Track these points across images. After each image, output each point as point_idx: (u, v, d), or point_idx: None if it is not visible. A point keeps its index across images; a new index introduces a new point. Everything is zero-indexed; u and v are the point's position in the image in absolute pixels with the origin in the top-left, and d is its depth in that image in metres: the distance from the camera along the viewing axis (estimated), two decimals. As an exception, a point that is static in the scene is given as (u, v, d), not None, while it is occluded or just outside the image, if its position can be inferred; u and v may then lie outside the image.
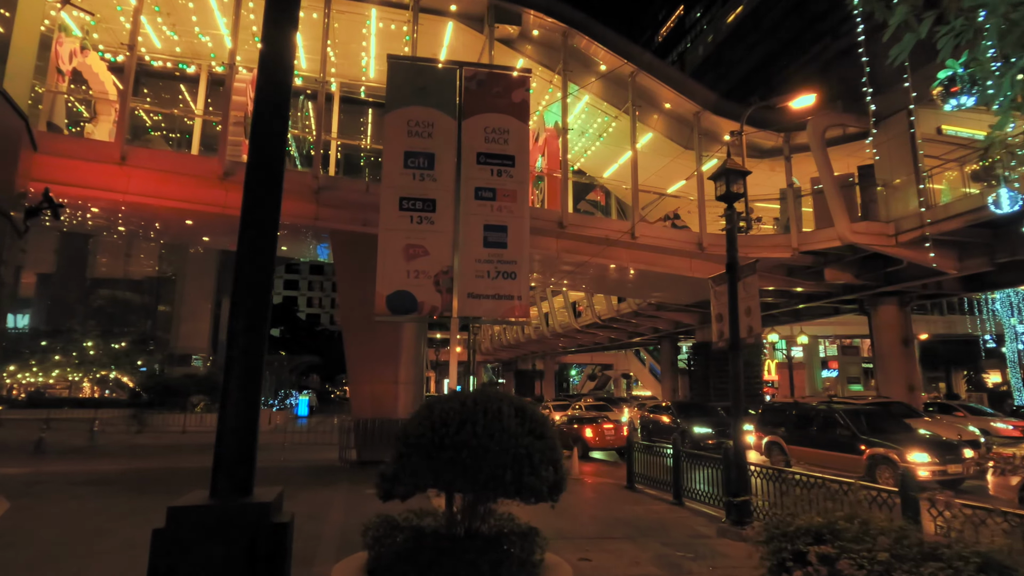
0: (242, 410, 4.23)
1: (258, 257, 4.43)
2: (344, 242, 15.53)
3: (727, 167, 9.10)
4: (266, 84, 4.14)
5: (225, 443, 4.18)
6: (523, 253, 6.39)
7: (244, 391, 4.25)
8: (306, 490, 10.65)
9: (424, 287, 6.05)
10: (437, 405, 4.60)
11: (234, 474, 4.17)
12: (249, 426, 4.24)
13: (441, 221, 6.29)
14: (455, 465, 4.21)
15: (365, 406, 14.96)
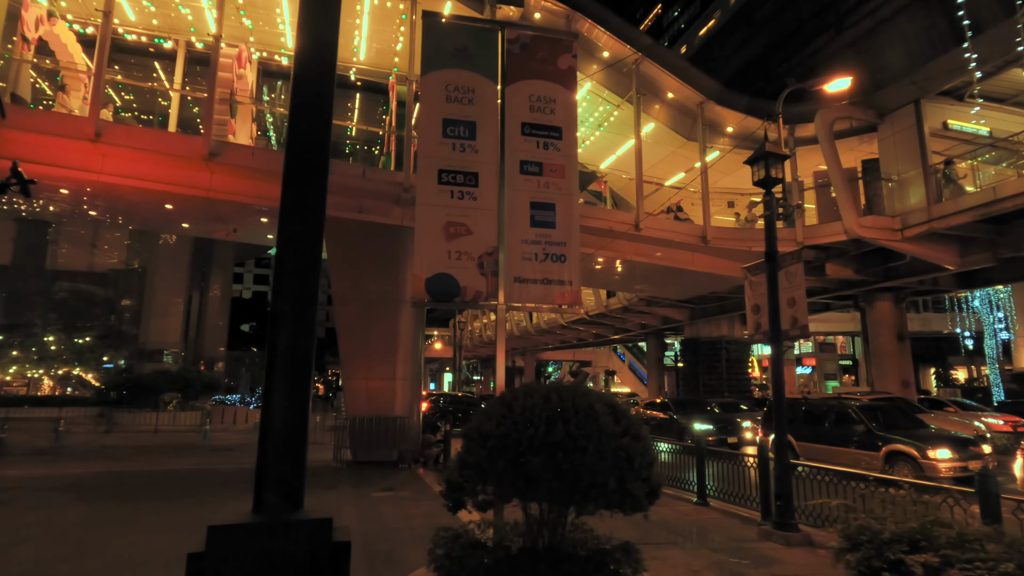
0: (289, 410, 3.53)
1: (304, 238, 3.80)
2: (338, 230, 14.65)
3: (766, 150, 8.63)
4: (308, 62, 3.62)
5: (270, 448, 3.48)
6: (573, 234, 5.78)
7: (291, 389, 3.55)
8: (308, 495, 9.83)
9: (467, 270, 5.39)
10: (516, 401, 3.95)
11: (282, 484, 3.49)
12: (298, 428, 3.55)
13: (484, 197, 5.63)
14: (549, 471, 3.56)
15: (360, 403, 14.15)
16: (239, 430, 23.92)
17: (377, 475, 12.21)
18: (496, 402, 4.16)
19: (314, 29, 3.70)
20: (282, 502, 3.50)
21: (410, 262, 14.98)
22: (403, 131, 15.16)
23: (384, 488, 10.48)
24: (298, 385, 3.57)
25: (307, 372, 3.64)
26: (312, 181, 3.87)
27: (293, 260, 3.75)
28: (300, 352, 3.61)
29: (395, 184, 14.26)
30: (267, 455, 3.49)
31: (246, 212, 14.70)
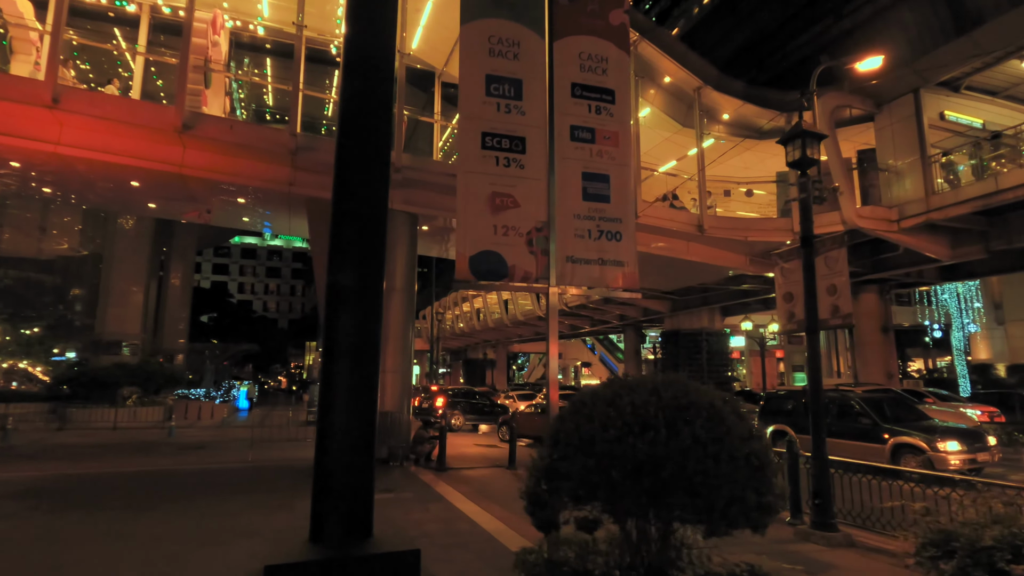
0: (354, 410, 2.80)
1: (368, 197, 3.08)
2: (322, 212, 13.66)
3: (802, 128, 8.17)
4: (361, 41, 2.97)
5: (330, 459, 2.73)
6: (628, 209, 5.16)
7: (357, 384, 2.82)
8: (302, 499, 8.98)
9: (515, 247, 4.72)
10: (623, 396, 3.29)
11: (347, 509, 2.75)
12: (364, 434, 2.82)
13: (532, 165, 4.96)
14: (680, 484, 2.92)
15: (347, 398, 13.26)
16: (206, 426, 22.57)
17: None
18: (593, 399, 3.48)
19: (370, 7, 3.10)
20: (348, 529, 2.76)
21: (399, 250, 14.14)
22: (393, 108, 14.24)
23: (383, 489, 9.69)
24: (364, 380, 2.85)
25: (374, 364, 2.92)
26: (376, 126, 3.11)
27: (351, 230, 3.01)
28: (366, 338, 2.89)
29: (385, 164, 13.34)
30: (327, 468, 2.76)
31: (222, 191, 13.57)
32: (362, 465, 2.76)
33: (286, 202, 13.84)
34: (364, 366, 2.82)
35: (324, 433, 2.73)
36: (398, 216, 14.09)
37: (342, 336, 2.83)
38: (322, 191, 13.32)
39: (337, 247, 2.94)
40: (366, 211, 2.92)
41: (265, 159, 12.82)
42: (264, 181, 12.97)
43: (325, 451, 2.70)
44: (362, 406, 2.78)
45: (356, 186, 2.92)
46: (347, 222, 2.93)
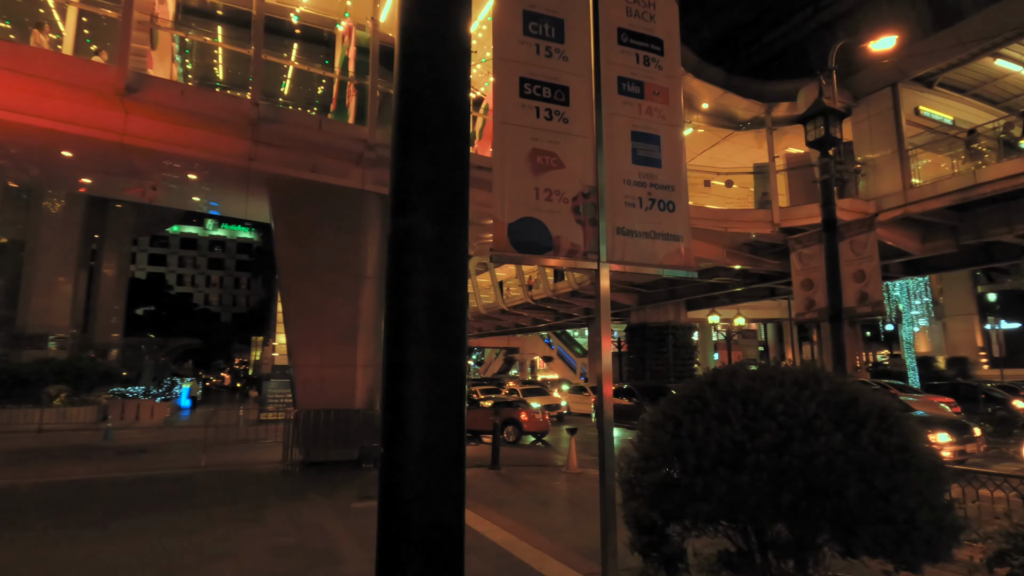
0: (437, 414, 1.96)
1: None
2: (286, 192, 12.47)
3: (824, 105, 7.72)
4: None
5: (406, 479, 1.86)
6: (681, 176, 4.49)
7: (439, 373, 1.99)
8: (271, 508, 7.92)
9: (560, 215, 3.97)
10: (763, 390, 2.57)
11: (432, 558, 1.90)
12: (453, 444, 1.98)
13: (577, 120, 4.21)
14: (868, 503, 2.22)
15: (313, 394, 12.14)
16: (146, 427, 20.74)
17: (342, 478, 10.39)
18: (713, 393, 2.73)
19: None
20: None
21: (371, 235, 13.08)
22: (365, 79, 13.15)
23: (363, 496, 8.73)
24: (450, 367, 2.01)
25: (461, 343, 2.08)
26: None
27: (430, 169, 2.17)
28: (450, 307, 2.04)
29: (357, 140, 12.27)
30: (401, 489, 1.90)
31: (170, 165, 12.13)
32: (451, 491, 1.92)
33: (244, 180, 12.51)
34: (449, 349, 1.97)
35: (394, 440, 1.90)
36: (370, 198, 13.02)
37: (415, 308, 1.98)
38: (286, 168, 12.12)
39: (404, 178, 2.09)
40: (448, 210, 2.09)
41: (222, 130, 11.49)
42: (220, 155, 11.64)
43: (397, 467, 1.86)
44: (449, 407, 1.95)
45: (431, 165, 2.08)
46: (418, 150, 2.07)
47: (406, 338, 1.94)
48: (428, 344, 1.93)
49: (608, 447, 4.23)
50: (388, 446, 1.92)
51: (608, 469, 4.17)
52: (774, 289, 24.68)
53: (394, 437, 1.91)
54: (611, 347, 4.32)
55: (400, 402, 1.91)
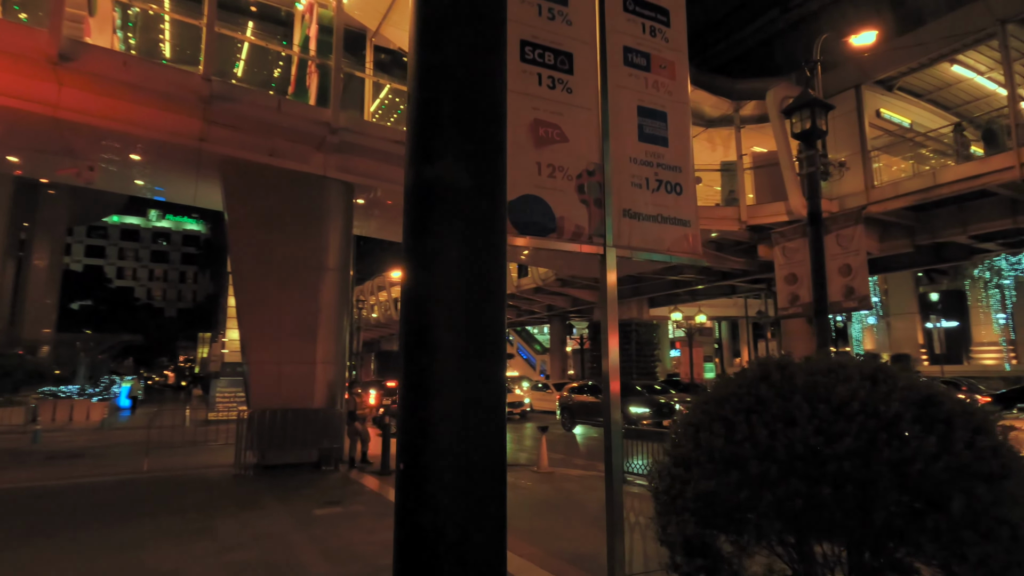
0: (475, 451, 1.50)
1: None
2: (241, 177, 11.64)
3: (811, 97, 7.59)
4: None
5: (432, 523, 1.42)
6: (688, 157, 4.18)
7: (473, 361, 1.52)
8: (223, 518, 7.23)
9: (563, 193, 3.59)
10: (830, 385, 2.23)
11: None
12: (494, 453, 1.53)
13: (581, 91, 3.83)
14: (968, 520, 1.90)
15: (269, 393, 11.37)
16: (81, 430, 19.30)
17: (302, 483, 9.73)
18: (767, 388, 2.37)
19: None
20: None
21: (333, 225, 12.39)
22: (328, 59, 12.42)
23: (326, 502, 8.13)
24: (488, 361, 1.57)
25: (500, 331, 1.64)
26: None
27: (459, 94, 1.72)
28: (488, 284, 1.60)
29: (320, 124, 11.56)
30: (427, 507, 1.45)
31: (110, 144, 11.12)
32: (493, 518, 1.48)
33: (194, 162, 11.60)
34: (487, 334, 1.53)
35: (414, 444, 1.46)
36: (332, 185, 12.33)
37: (447, 276, 1.52)
38: (241, 151, 11.31)
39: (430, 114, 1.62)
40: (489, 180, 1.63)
41: (169, 107, 10.60)
42: (167, 133, 10.73)
43: (420, 475, 1.41)
44: (489, 400, 1.51)
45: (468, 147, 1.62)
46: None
47: (433, 325, 1.48)
48: (462, 332, 1.48)
49: (616, 448, 3.86)
50: (409, 465, 1.46)
51: (616, 473, 3.80)
52: (735, 287, 25.04)
53: (416, 452, 1.45)
54: (617, 344, 3.95)
55: (424, 407, 1.46)
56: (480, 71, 1.66)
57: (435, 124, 1.58)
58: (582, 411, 18.76)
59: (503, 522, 1.52)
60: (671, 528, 2.27)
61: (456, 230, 1.53)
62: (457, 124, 1.58)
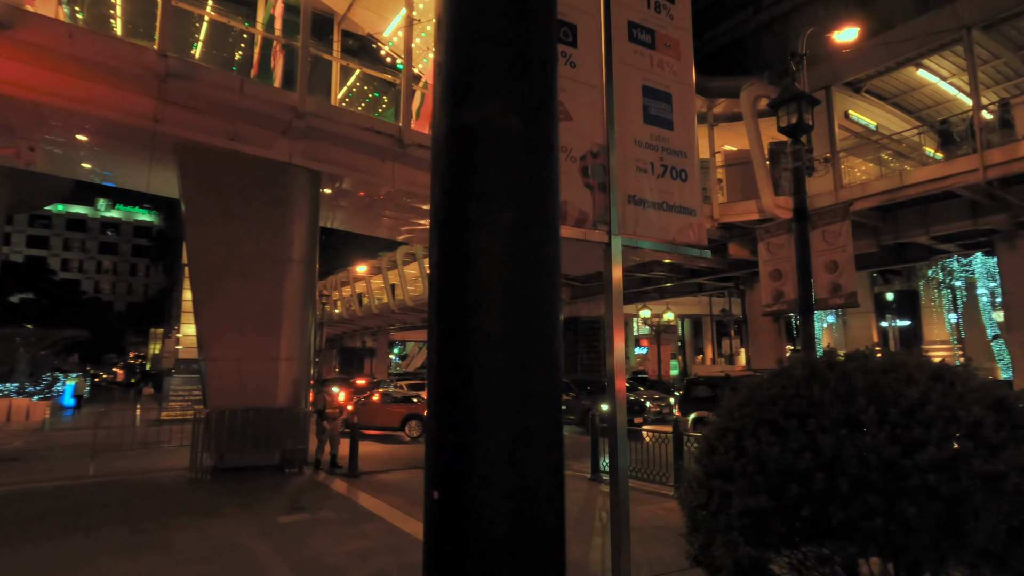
0: (530, 478, 1.13)
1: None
2: (200, 162, 10.95)
3: (798, 90, 7.48)
4: None
5: (482, 524, 1.01)
6: (693, 142, 3.93)
7: (533, 408, 1.15)
8: (181, 526, 6.67)
9: (567, 176, 3.32)
10: (900, 383, 1.99)
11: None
12: (551, 522, 1.16)
13: (585, 66, 3.54)
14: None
15: (228, 391, 10.74)
16: (19, 431, 18.03)
17: (264, 487, 9.18)
18: (818, 388, 2.12)
19: None
20: None
21: (298, 214, 11.81)
22: (295, 39, 11.81)
23: (292, 508, 7.64)
24: (539, 338, 1.23)
25: (555, 302, 1.30)
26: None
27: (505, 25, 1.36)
28: (539, 250, 1.26)
29: (285, 107, 10.95)
30: (476, 553, 1.09)
31: (54, 123, 10.28)
32: (555, 563, 1.15)
33: (148, 145, 10.83)
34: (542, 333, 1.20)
35: (458, 503, 1.08)
36: (298, 173, 11.73)
37: (490, 258, 1.18)
38: (200, 134, 10.62)
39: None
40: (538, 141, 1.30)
41: (121, 84, 9.85)
42: (118, 113, 9.98)
43: (468, 542, 1.06)
44: (551, 439, 1.18)
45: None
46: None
47: (474, 311, 1.15)
48: (513, 320, 1.15)
49: (621, 452, 3.58)
50: (448, 495, 1.12)
51: (621, 477, 3.52)
52: (703, 285, 25.27)
53: (457, 478, 1.11)
54: (622, 339, 3.66)
55: (465, 418, 1.12)
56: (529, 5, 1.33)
57: (477, 59, 1.24)
58: (553, 408, 18.56)
59: (561, 531, 1.20)
60: (718, 549, 1.98)
61: (504, 188, 1.19)
62: (504, 57, 1.24)
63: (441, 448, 1.15)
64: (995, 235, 14.74)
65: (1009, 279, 14.72)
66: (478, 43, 1.24)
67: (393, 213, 15.18)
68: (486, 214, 1.18)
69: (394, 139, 12.09)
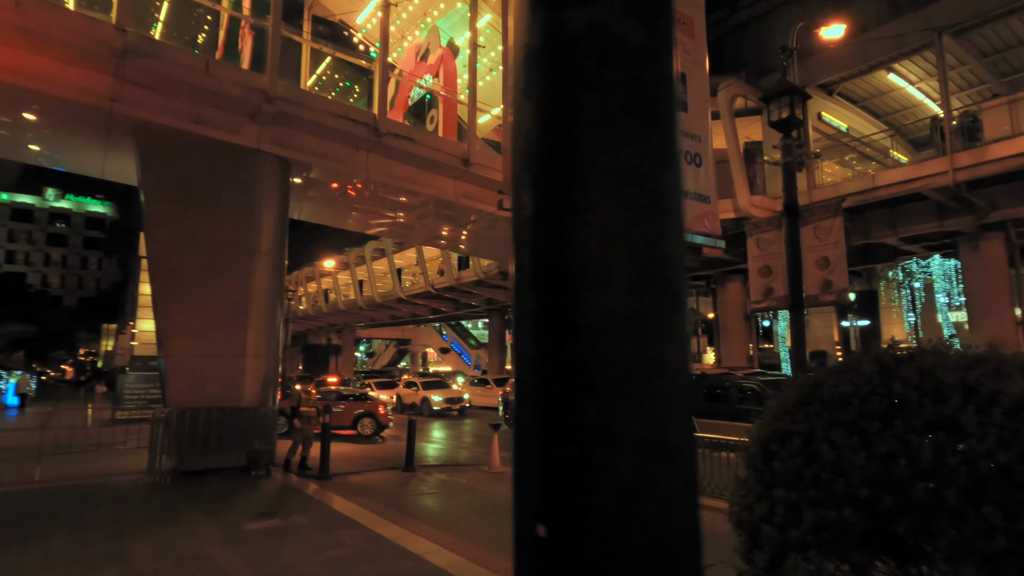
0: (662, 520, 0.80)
1: None
2: (160, 147, 10.28)
3: (790, 84, 7.38)
4: None
5: None
6: (707, 126, 3.78)
7: (660, 413, 0.84)
8: (139, 536, 6.14)
9: None
10: (1005, 388, 1.75)
11: None
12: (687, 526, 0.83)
13: None
14: None
15: (190, 390, 10.12)
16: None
17: (230, 490, 8.65)
18: (903, 387, 1.88)
19: None
20: None
21: (267, 204, 11.25)
22: (265, 19, 11.23)
23: (261, 514, 7.17)
24: (671, 320, 0.92)
25: (679, 266, 0.99)
26: None
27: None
28: (660, 198, 0.95)
29: (254, 91, 10.39)
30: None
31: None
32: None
33: (104, 126, 10.09)
34: (669, 301, 0.90)
35: (577, 546, 0.76)
36: (267, 160, 11.16)
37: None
38: (161, 115, 9.96)
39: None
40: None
41: (75, 60, 9.15)
42: (71, 90, 9.26)
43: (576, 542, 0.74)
44: (676, 429, 0.88)
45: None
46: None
47: (591, 267, 0.85)
48: (638, 271, 0.86)
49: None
50: (564, 534, 0.82)
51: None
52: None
53: (571, 514, 0.81)
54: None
55: (578, 431, 0.83)
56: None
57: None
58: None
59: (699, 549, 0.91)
60: (794, 571, 1.72)
61: (616, 114, 0.90)
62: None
63: (549, 468, 0.85)
64: (959, 237, 15.15)
65: (971, 280, 15.14)
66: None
67: (366, 205, 14.67)
68: (602, 148, 0.88)
69: (369, 127, 11.64)
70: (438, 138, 13.47)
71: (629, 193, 0.88)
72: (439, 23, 15.27)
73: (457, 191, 13.64)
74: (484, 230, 16.66)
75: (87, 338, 65.52)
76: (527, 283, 0.91)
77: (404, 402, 24.30)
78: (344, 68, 19.00)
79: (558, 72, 0.91)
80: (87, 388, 40.61)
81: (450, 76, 14.29)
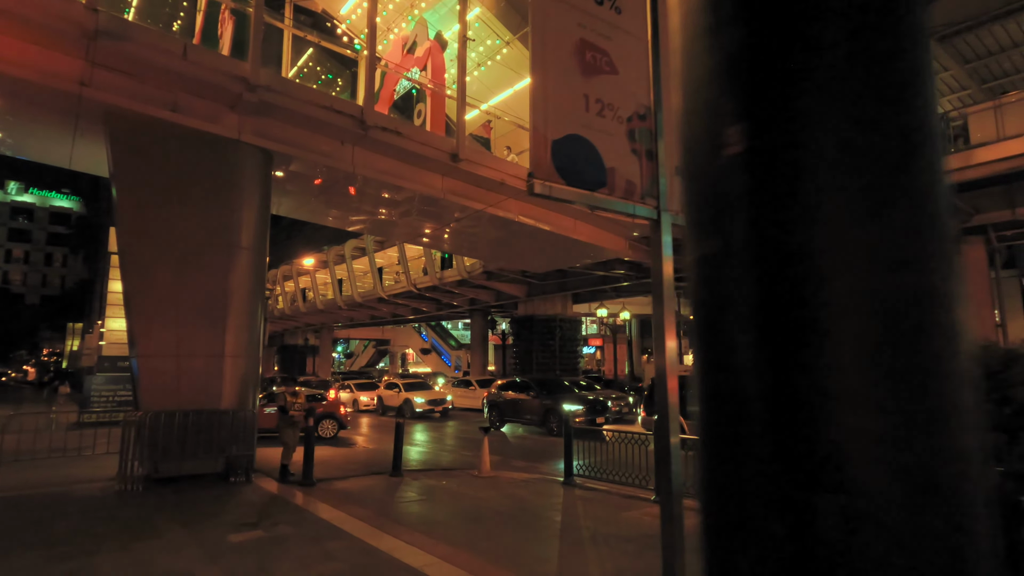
0: None
1: None
2: (134, 135, 9.75)
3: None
4: None
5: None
6: None
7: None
8: (109, 551, 5.67)
9: (613, 138, 2.77)
10: None
11: None
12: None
13: (631, 13, 3.06)
14: None
15: (164, 392, 9.60)
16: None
17: (208, 499, 8.18)
18: None
19: None
20: None
21: (248, 197, 10.77)
22: (247, 4, 10.75)
23: (243, 524, 6.75)
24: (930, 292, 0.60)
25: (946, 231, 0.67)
26: None
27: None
28: (913, 146, 0.64)
29: (235, 78, 9.92)
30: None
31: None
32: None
33: (72, 112, 9.52)
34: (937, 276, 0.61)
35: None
36: (248, 151, 10.68)
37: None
38: (135, 102, 9.43)
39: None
40: None
41: (41, 40, 8.59)
42: (37, 73, 8.69)
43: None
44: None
45: None
46: None
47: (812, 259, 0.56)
48: (866, 291, 0.59)
49: (675, 459, 3.06)
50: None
51: (676, 488, 2.99)
52: (657, 285, 25.31)
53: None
54: (674, 335, 3.13)
55: (816, 427, 0.52)
56: None
57: None
58: (511, 409, 18.03)
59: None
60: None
61: (840, 59, 0.63)
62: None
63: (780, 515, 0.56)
64: (942, 240, 15.28)
65: (954, 282, 15.27)
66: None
67: (349, 200, 14.22)
68: (814, 99, 0.61)
69: (356, 120, 11.24)
70: (426, 132, 13.11)
71: (855, 141, 0.60)
72: (427, 15, 14.90)
73: (445, 187, 13.29)
74: (469, 228, 16.33)
75: (51, 338, 63.32)
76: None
77: (385, 404, 23.82)
78: (327, 60, 18.50)
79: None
80: (50, 389, 39.09)
81: (438, 70, 13.93)
